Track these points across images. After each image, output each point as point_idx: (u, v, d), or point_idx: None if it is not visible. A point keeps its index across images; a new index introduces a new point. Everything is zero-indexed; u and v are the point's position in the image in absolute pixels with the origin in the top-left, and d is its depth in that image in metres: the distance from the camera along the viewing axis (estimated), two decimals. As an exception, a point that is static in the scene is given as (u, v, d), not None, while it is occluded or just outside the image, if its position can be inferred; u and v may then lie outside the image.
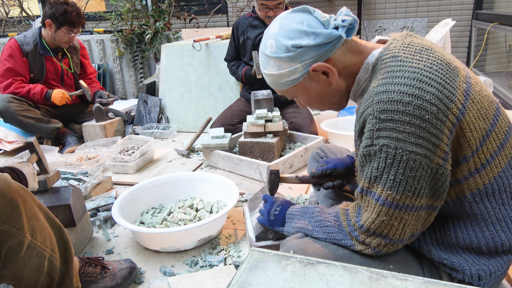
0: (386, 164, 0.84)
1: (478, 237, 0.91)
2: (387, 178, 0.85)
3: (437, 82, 0.83)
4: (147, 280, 1.40)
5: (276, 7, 2.46)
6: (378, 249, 0.92)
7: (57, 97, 2.82)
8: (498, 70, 4.61)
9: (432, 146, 0.82)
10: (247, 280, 0.68)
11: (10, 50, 2.76)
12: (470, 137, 0.86)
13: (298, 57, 0.94)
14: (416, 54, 0.88)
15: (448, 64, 0.87)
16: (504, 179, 0.91)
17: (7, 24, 5.90)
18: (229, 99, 3.14)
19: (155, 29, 3.93)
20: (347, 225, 0.97)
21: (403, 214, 0.86)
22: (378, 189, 0.87)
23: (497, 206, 0.91)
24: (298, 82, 0.99)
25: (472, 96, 0.87)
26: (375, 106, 0.85)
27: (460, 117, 0.84)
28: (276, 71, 0.98)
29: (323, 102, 1.05)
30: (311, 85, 0.99)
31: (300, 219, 1.10)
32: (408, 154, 0.82)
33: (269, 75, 1.01)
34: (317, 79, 0.98)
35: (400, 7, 4.69)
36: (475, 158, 0.88)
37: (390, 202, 0.86)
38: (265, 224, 1.25)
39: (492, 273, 0.92)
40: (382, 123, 0.83)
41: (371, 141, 0.86)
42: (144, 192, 1.82)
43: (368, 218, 0.90)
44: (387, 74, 0.87)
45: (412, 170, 0.83)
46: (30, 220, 1.01)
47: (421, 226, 0.91)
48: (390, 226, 0.88)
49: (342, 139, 2.45)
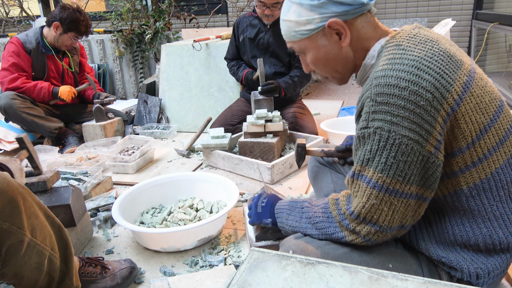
0: (379, 147, 0.86)
1: (475, 234, 0.92)
2: (379, 160, 0.87)
3: (435, 72, 0.85)
4: (147, 280, 1.40)
5: (273, 6, 2.46)
6: (367, 237, 0.92)
7: (65, 91, 2.83)
8: (498, 70, 4.61)
9: (424, 132, 0.84)
10: (247, 280, 0.68)
11: (14, 47, 2.76)
12: (465, 128, 0.87)
13: (319, 8, 0.96)
14: (419, 44, 0.90)
15: (451, 56, 0.89)
16: (502, 176, 0.91)
17: (7, 24, 5.91)
18: (229, 99, 3.14)
19: (155, 29, 3.93)
20: (337, 214, 0.97)
21: (393, 199, 0.87)
22: (370, 172, 0.89)
23: (494, 203, 0.91)
24: (311, 35, 1.00)
25: (472, 90, 0.88)
26: (373, 89, 0.87)
27: (455, 108, 0.85)
28: (294, 18, 1.00)
29: (328, 66, 1.06)
30: (322, 42, 1.01)
31: (290, 214, 1.09)
32: (401, 138, 0.84)
33: (286, 21, 1.03)
34: (329, 38, 1.00)
35: (400, 7, 4.69)
36: (471, 151, 0.88)
37: (381, 185, 0.87)
38: (253, 220, 1.23)
39: (490, 272, 0.92)
40: (378, 106, 0.86)
41: (366, 123, 0.88)
42: (144, 192, 1.82)
43: (359, 203, 0.91)
44: (388, 61, 0.89)
45: (404, 154, 0.84)
46: (30, 219, 1.01)
47: (411, 217, 0.91)
48: (380, 211, 0.89)
49: (342, 139, 2.44)
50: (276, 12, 2.50)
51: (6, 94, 2.68)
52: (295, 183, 2.12)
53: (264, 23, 2.61)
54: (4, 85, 2.75)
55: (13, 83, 2.73)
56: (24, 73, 2.79)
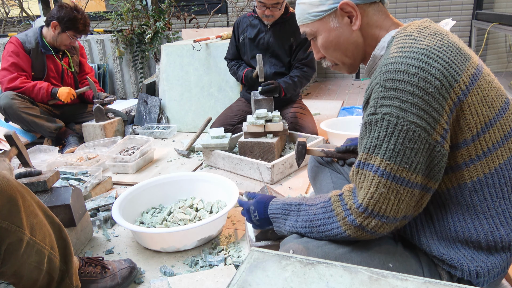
0: (387, 133, 0.86)
1: (477, 230, 0.92)
2: (387, 147, 0.86)
3: (444, 61, 0.86)
4: (147, 280, 1.40)
5: (273, 6, 2.45)
6: (374, 230, 0.91)
7: (64, 93, 2.82)
8: (498, 70, 4.62)
9: (432, 120, 0.84)
10: (247, 280, 0.68)
11: (14, 47, 2.76)
12: (470, 119, 0.87)
13: None
14: (429, 36, 0.91)
15: (460, 49, 0.90)
16: (505, 172, 0.92)
17: (7, 24, 5.91)
18: (229, 99, 3.14)
19: (155, 29, 3.93)
20: (342, 210, 0.94)
21: (399, 188, 0.87)
22: (377, 160, 0.88)
23: (497, 199, 0.91)
24: (323, 17, 1.03)
25: (479, 82, 0.89)
26: (383, 75, 0.88)
27: (462, 98, 0.86)
28: (308, 0, 1.04)
29: (339, 50, 1.08)
30: (333, 24, 1.03)
31: (286, 219, 1.07)
32: (409, 125, 0.84)
33: (301, 4, 1.07)
34: (340, 20, 1.02)
35: (400, 7, 4.69)
36: (476, 144, 0.89)
37: (388, 173, 0.87)
38: (256, 228, 1.25)
39: (490, 270, 0.92)
40: (387, 92, 0.86)
41: (374, 109, 0.88)
42: (144, 192, 1.82)
43: (366, 193, 0.89)
44: (398, 49, 0.90)
45: (411, 141, 0.84)
46: (29, 217, 1.01)
47: (413, 208, 0.91)
48: (388, 200, 0.88)
49: (342, 139, 2.44)
50: (276, 13, 2.49)
51: (6, 94, 2.68)
52: (295, 183, 2.12)
53: (264, 23, 2.61)
54: (4, 85, 2.75)
55: (12, 83, 2.72)
56: (24, 73, 2.79)
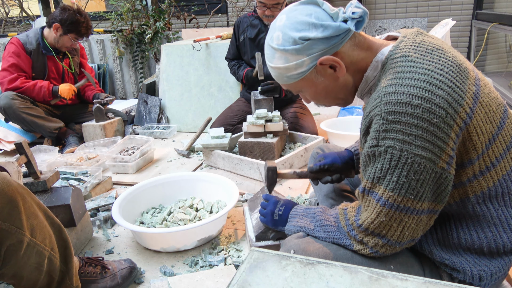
0: (390, 166, 0.84)
1: (480, 238, 0.91)
2: (390, 179, 0.84)
3: (447, 86, 0.82)
4: (147, 280, 1.40)
5: (273, 7, 2.46)
6: (375, 249, 0.91)
7: (65, 89, 2.83)
8: (498, 70, 4.61)
9: (438, 150, 0.81)
10: (247, 280, 0.68)
11: (14, 48, 2.76)
12: (476, 141, 0.85)
13: (306, 50, 0.92)
14: (427, 54, 0.87)
15: (459, 66, 0.86)
16: (509, 182, 0.91)
17: (7, 24, 5.91)
18: (229, 99, 3.14)
19: (155, 29, 3.93)
20: (345, 224, 0.96)
21: (403, 216, 0.86)
22: (380, 189, 0.86)
23: (499, 208, 0.91)
24: (305, 76, 0.97)
25: (481, 99, 0.86)
26: (383, 107, 0.84)
27: (468, 121, 0.83)
28: (283, 64, 0.96)
29: (330, 97, 1.04)
30: (318, 79, 0.98)
31: (302, 218, 1.09)
32: (414, 157, 0.81)
33: (275, 68, 0.99)
34: (324, 73, 0.96)
35: (400, 7, 4.69)
36: (480, 161, 0.87)
37: (391, 203, 0.85)
38: (268, 225, 1.23)
39: (493, 274, 0.92)
40: (389, 125, 0.82)
41: (376, 141, 0.85)
42: (144, 192, 1.82)
43: (368, 217, 0.90)
44: (397, 75, 0.86)
45: (416, 173, 0.82)
46: (29, 219, 1.01)
47: (422, 231, 0.90)
48: (389, 227, 0.88)
49: (342, 139, 2.45)
50: (277, 13, 2.49)
51: (6, 94, 2.68)
52: (295, 183, 2.12)
53: (265, 23, 2.61)
54: (4, 85, 2.75)
55: (13, 83, 2.73)
56: (24, 74, 2.79)
